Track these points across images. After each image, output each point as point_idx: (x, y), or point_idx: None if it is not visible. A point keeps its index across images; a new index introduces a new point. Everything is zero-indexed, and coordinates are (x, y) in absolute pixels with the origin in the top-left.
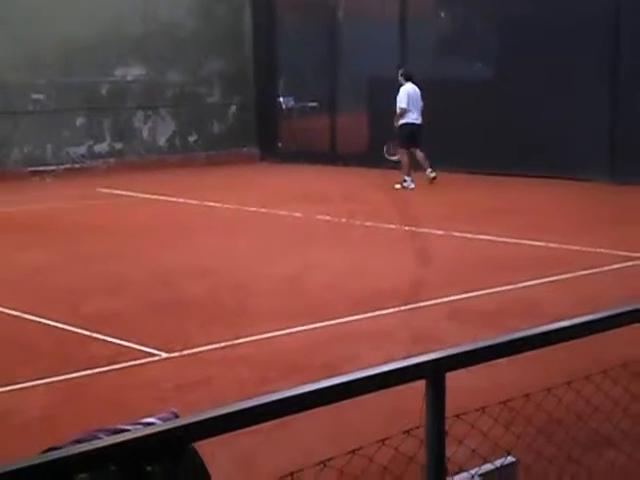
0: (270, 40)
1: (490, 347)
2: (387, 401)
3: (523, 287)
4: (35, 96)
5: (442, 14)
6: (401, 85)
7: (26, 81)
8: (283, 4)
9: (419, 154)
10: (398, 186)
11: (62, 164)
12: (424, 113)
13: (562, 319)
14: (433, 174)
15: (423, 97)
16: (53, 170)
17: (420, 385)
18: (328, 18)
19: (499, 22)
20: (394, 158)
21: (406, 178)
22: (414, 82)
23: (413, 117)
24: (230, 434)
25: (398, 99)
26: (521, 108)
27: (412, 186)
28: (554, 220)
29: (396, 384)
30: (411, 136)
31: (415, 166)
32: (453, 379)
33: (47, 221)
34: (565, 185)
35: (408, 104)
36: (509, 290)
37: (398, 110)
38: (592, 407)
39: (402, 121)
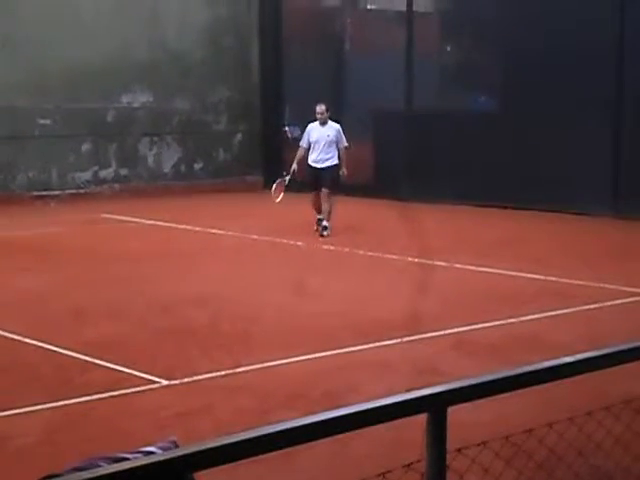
0: (277, 70)
1: (492, 382)
2: (389, 433)
3: (526, 320)
4: (41, 121)
5: (448, 47)
6: (324, 123)
7: (33, 106)
8: (291, 35)
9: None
10: (325, 233)
11: (67, 189)
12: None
13: (565, 354)
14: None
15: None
16: (58, 195)
17: (422, 417)
18: (335, 49)
19: (504, 56)
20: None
21: (328, 224)
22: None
23: None
24: (231, 464)
25: (342, 137)
26: (524, 141)
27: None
28: (556, 254)
29: (398, 417)
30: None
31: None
32: (454, 412)
33: (50, 246)
34: (567, 219)
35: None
36: (512, 323)
37: (343, 149)
38: (594, 443)
39: (336, 162)
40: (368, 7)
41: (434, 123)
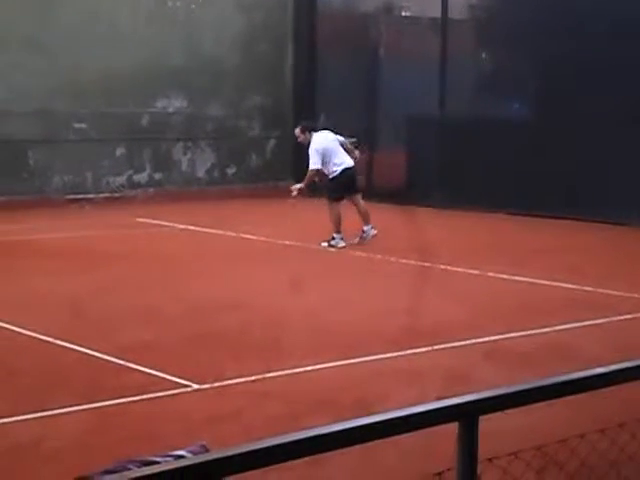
0: (311, 76)
1: (524, 391)
2: (419, 441)
3: (558, 330)
4: (77, 125)
5: (483, 54)
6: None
7: (69, 110)
8: (325, 41)
9: (362, 203)
10: (325, 244)
11: (101, 193)
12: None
13: (598, 365)
14: (374, 231)
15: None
16: (92, 198)
17: (453, 425)
18: (369, 56)
19: (539, 63)
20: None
21: (335, 235)
22: (321, 129)
23: (346, 161)
24: (259, 470)
25: (312, 159)
26: (558, 149)
27: (342, 244)
28: (590, 263)
29: (429, 426)
30: (350, 183)
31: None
32: (484, 420)
33: (84, 249)
34: (602, 228)
35: (326, 156)
36: (544, 333)
37: (310, 172)
38: (626, 455)
39: (334, 173)
40: (403, 14)
41: (468, 130)
